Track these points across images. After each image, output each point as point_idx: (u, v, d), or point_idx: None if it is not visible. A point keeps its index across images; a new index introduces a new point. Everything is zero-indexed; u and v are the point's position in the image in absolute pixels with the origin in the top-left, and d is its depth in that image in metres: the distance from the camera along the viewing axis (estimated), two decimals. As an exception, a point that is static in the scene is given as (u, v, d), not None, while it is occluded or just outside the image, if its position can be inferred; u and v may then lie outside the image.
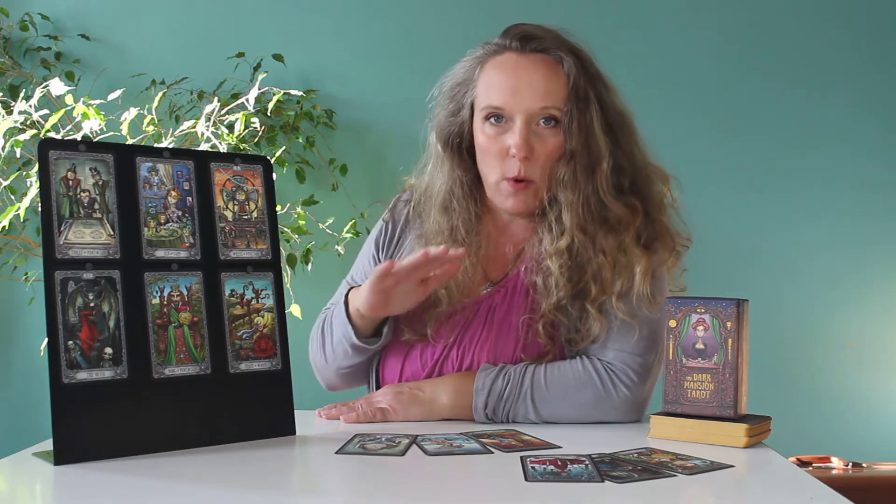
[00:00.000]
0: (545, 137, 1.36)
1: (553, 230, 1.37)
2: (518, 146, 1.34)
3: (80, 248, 1.03)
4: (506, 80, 1.37)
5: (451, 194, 1.45)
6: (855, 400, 2.93)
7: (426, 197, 1.48)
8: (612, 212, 1.35)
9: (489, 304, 1.39)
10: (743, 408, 1.18)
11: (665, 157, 1.46)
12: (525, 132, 1.35)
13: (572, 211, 1.35)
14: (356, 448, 1.09)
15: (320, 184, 2.94)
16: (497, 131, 1.37)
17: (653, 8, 2.97)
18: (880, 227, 2.95)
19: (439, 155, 1.47)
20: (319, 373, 1.49)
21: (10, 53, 2.94)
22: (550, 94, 1.35)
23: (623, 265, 1.33)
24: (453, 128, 1.45)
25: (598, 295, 1.33)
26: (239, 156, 1.19)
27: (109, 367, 1.03)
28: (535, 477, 0.95)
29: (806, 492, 0.93)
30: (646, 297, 1.32)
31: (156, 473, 0.97)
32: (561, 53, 1.37)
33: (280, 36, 2.96)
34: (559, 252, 1.34)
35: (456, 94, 1.45)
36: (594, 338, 1.33)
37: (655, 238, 1.37)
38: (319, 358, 1.46)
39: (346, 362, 1.42)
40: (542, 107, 1.35)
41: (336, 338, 1.41)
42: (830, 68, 2.95)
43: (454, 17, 2.94)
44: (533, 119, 1.36)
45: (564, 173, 1.36)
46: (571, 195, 1.35)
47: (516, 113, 1.35)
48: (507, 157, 1.37)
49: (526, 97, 1.35)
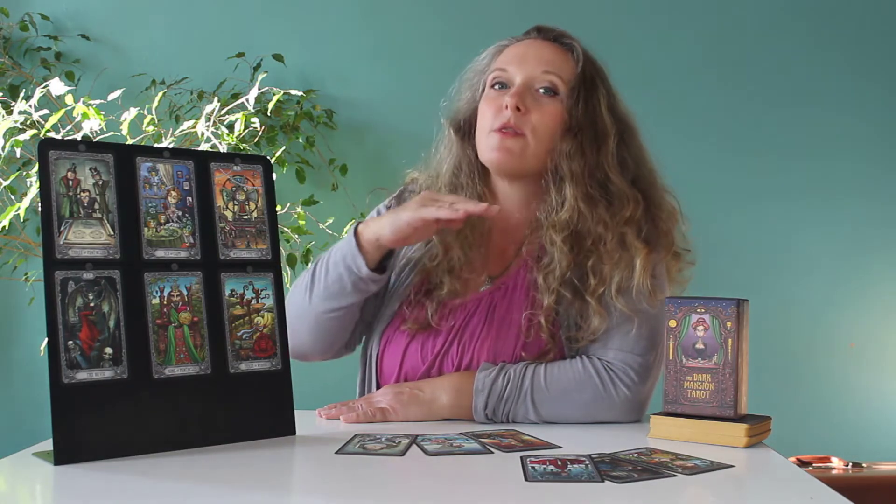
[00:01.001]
0: (542, 103, 1.39)
1: (554, 203, 1.38)
2: (511, 95, 1.37)
3: (80, 248, 1.03)
4: (515, 52, 1.43)
5: (458, 170, 1.47)
6: (855, 400, 2.93)
7: (433, 179, 1.50)
8: (615, 186, 1.37)
9: (490, 302, 1.39)
10: (743, 408, 1.18)
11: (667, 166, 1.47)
12: (521, 88, 1.39)
13: (577, 182, 1.37)
14: (356, 448, 1.09)
15: (320, 184, 2.94)
16: (498, 94, 1.41)
17: (653, 19, 2.98)
18: (880, 226, 2.96)
19: (450, 138, 1.50)
20: (294, 323, 1.36)
21: (10, 53, 2.94)
22: (553, 64, 1.40)
23: (623, 258, 1.34)
24: (466, 112, 1.49)
25: (596, 286, 1.33)
26: (239, 156, 1.19)
27: (109, 367, 1.03)
28: (535, 477, 0.95)
29: (806, 492, 0.93)
30: (646, 290, 1.33)
31: (156, 473, 0.97)
32: (573, 43, 1.43)
33: (280, 36, 2.96)
34: (561, 224, 1.36)
35: (474, 82, 1.49)
36: (595, 332, 1.32)
37: (656, 236, 1.38)
38: (302, 299, 1.39)
39: (337, 303, 1.37)
40: (543, 71, 1.39)
41: (334, 275, 1.36)
42: (830, 78, 2.96)
43: (454, 18, 2.94)
44: (533, 83, 1.39)
45: (571, 147, 1.37)
46: (576, 166, 1.37)
47: (517, 75, 1.40)
48: (500, 112, 1.38)
49: (530, 63, 1.40)
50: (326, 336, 1.42)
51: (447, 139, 1.50)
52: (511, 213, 1.45)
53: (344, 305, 1.38)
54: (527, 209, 1.44)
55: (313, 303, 1.39)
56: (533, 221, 1.42)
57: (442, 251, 1.42)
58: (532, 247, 1.41)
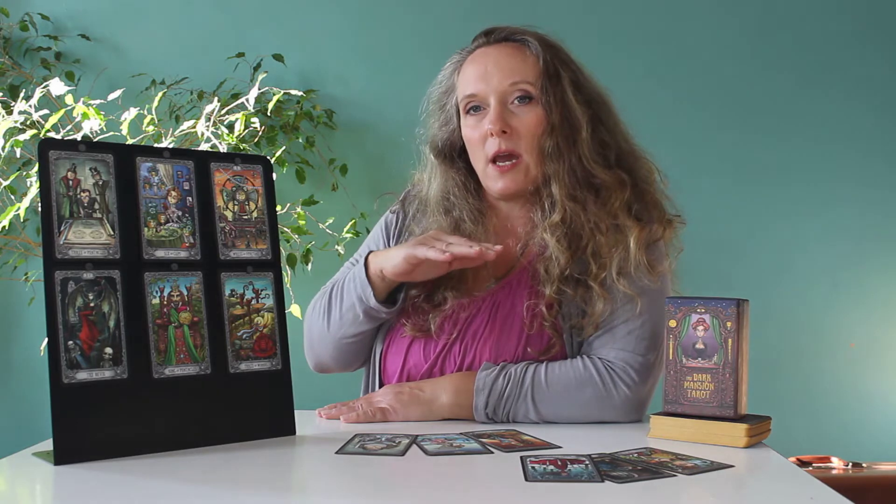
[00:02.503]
0: (522, 115, 1.39)
1: (546, 207, 1.39)
2: (492, 121, 1.37)
3: (80, 248, 1.03)
4: (475, 69, 1.42)
5: (447, 194, 1.47)
6: (855, 400, 2.93)
7: (423, 206, 1.50)
8: (598, 178, 1.38)
9: (493, 301, 1.39)
10: (743, 408, 1.18)
11: (666, 152, 1.47)
12: (499, 109, 1.38)
13: (559, 181, 1.38)
14: (356, 448, 1.09)
15: (320, 184, 2.94)
16: (477, 120, 1.41)
17: (654, 4, 2.97)
18: (880, 225, 2.95)
19: (433, 164, 1.50)
20: (315, 345, 1.46)
21: (10, 53, 2.94)
22: (518, 71, 1.39)
23: (617, 238, 1.35)
24: (445, 136, 1.48)
25: (598, 271, 1.34)
26: (239, 156, 1.19)
27: (109, 367, 1.03)
28: (535, 477, 0.95)
29: (806, 492, 0.93)
30: (644, 265, 1.33)
31: (156, 473, 0.97)
32: (526, 37, 1.42)
33: (280, 36, 2.96)
34: (554, 225, 1.36)
35: (444, 104, 1.49)
36: (599, 316, 1.33)
37: (646, 210, 1.39)
38: (321, 326, 1.44)
39: (353, 330, 1.41)
40: (511, 83, 1.38)
41: (348, 303, 1.40)
42: (830, 63, 2.95)
43: (454, 18, 2.94)
44: (506, 98, 1.39)
45: (549, 146, 1.38)
46: (557, 165, 1.38)
47: (488, 95, 1.39)
48: (487, 139, 1.39)
49: (494, 78, 1.39)
50: (347, 356, 1.47)
51: (430, 165, 1.50)
52: (512, 215, 1.46)
53: (360, 332, 1.42)
54: (527, 209, 1.44)
55: (331, 330, 1.43)
56: (532, 220, 1.42)
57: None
58: (533, 244, 1.41)
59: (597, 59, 1.49)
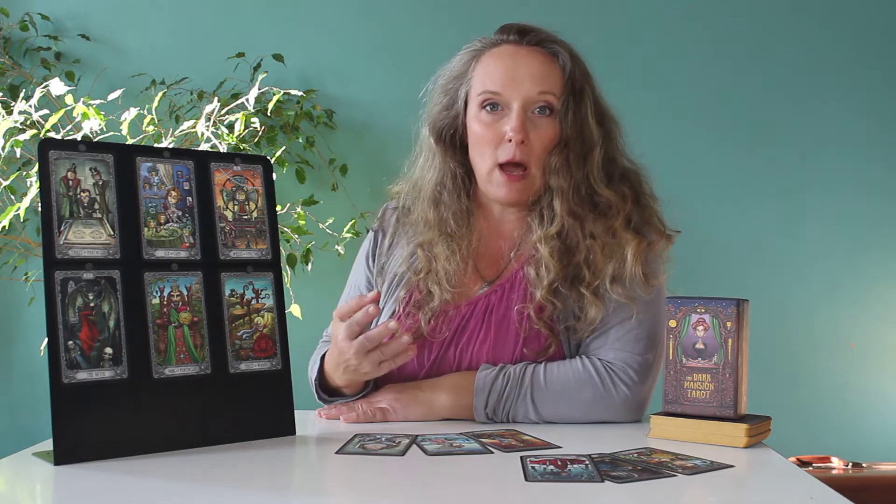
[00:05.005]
0: (540, 126, 1.38)
1: (544, 218, 1.38)
2: (515, 129, 1.36)
3: (80, 248, 1.03)
4: (504, 67, 1.39)
5: (441, 186, 1.45)
6: (855, 400, 2.93)
7: (415, 191, 1.48)
8: (602, 197, 1.37)
9: (486, 304, 1.39)
10: (743, 408, 1.18)
11: (667, 161, 1.47)
12: (522, 117, 1.36)
13: (563, 197, 1.37)
14: (356, 448, 1.09)
15: (320, 184, 2.94)
16: (493, 119, 1.39)
17: (654, 13, 2.97)
18: (880, 230, 2.96)
19: (431, 148, 1.47)
20: None
21: (10, 53, 2.94)
22: (547, 82, 1.37)
23: (614, 249, 1.35)
24: (446, 121, 1.46)
25: (591, 279, 1.34)
26: (239, 156, 1.19)
27: (109, 367, 1.03)
28: (535, 477, 0.95)
29: (806, 492, 0.93)
30: (639, 278, 1.33)
31: (156, 473, 0.97)
32: (557, 47, 1.40)
33: (280, 36, 2.96)
34: (549, 237, 1.36)
35: (450, 88, 1.46)
36: (592, 322, 1.33)
37: (645, 222, 1.39)
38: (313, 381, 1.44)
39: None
40: (539, 92, 1.37)
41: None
42: (831, 73, 2.96)
43: (454, 17, 2.94)
44: (529, 106, 1.37)
45: (557, 162, 1.37)
46: (563, 182, 1.37)
47: (513, 99, 1.37)
48: (502, 143, 1.37)
49: (524, 83, 1.37)
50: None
51: (428, 148, 1.48)
52: (505, 218, 1.45)
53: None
54: (523, 214, 1.44)
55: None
56: (526, 224, 1.42)
57: (426, 263, 1.41)
58: (527, 247, 1.40)
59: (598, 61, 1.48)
